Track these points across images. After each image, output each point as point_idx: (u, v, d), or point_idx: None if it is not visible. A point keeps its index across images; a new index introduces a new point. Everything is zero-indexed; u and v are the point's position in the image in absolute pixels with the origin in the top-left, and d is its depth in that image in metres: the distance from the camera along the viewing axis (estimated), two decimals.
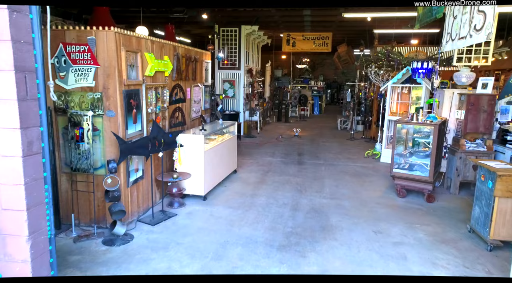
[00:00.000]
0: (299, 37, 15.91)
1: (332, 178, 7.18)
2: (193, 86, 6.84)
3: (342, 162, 8.51)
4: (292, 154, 9.30)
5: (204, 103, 7.61)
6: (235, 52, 11.45)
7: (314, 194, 6.19)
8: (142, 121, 4.96)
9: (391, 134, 8.62)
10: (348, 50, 16.61)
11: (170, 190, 5.39)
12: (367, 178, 7.26)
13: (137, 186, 4.96)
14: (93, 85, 4.34)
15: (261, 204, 5.65)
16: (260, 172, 7.51)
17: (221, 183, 6.53)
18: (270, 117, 15.59)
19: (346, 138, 11.60)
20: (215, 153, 6.16)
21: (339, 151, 9.70)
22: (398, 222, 5.09)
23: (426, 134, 6.00)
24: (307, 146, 10.32)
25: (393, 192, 6.31)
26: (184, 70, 6.35)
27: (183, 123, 6.51)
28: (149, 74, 5.06)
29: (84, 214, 4.64)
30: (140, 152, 4.65)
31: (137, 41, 4.79)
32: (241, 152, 9.09)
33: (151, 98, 5.16)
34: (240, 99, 11.63)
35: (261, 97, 14.53)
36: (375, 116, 10.98)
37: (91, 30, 4.24)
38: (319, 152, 9.55)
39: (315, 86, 20.16)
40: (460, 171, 6.13)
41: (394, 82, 8.31)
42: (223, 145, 6.56)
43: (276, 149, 9.78)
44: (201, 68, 7.33)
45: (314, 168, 7.90)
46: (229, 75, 11.61)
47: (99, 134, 4.42)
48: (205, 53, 7.58)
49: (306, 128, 13.64)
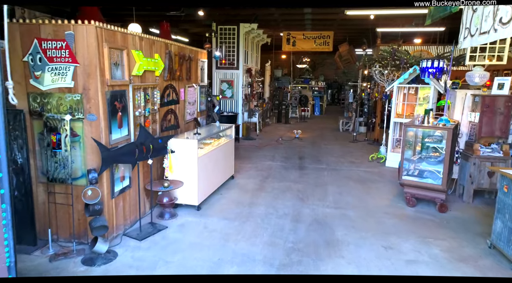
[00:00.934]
0: (299, 36, 15.44)
1: (335, 184, 6.71)
2: (187, 87, 6.37)
3: (346, 166, 8.04)
4: (292, 157, 8.83)
5: (199, 105, 7.15)
6: (233, 51, 10.98)
7: (316, 203, 5.73)
8: (129, 126, 4.49)
9: (397, 137, 8.17)
10: (350, 49, 16.14)
11: (161, 200, 4.92)
12: (372, 184, 6.79)
13: (123, 196, 4.49)
14: (72, 86, 3.87)
15: (260, 215, 5.19)
16: (259, 177, 7.04)
17: (217, 191, 6.06)
18: (270, 119, 15.13)
19: (348, 140, 11.13)
20: (210, 159, 5.69)
21: (342, 154, 9.23)
22: (409, 235, 4.63)
23: (437, 139, 5.53)
24: (308, 149, 9.85)
25: (402, 200, 5.85)
26: (177, 69, 5.88)
27: (176, 126, 6.04)
28: (137, 73, 4.59)
29: (63, 229, 4.17)
30: (125, 160, 4.18)
31: (123, 38, 4.32)
32: (239, 155, 8.63)
33: (139, 100, 4.69)
34: (238, 100, 11.16)
35: (261, 97, 14.06)
36: (378, 118, 10.51)
37: (68, 24, 3.77)
38: (321, 155, 9.08)
39: (316, 87, 19.69)
40: (474, 178, 5.66)
41: (400, 83, 7.84)
42: (219, 150, 6.10)
43: (276, 152, 9.31)
44: (196, 68, 6.86)
45: (316, 173, 7.43)
46: (227, 75, 11.14)
47: (79, 140, 3.95)
48: (200, 51, 7.11)
49: (307, 129, 13.18)
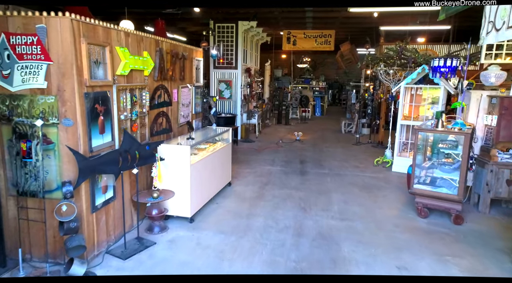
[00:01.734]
0: (300, 35, 14.98)
1: (339, 192, 6.24)
2: (181, 88, 5.89)
3: (350, 171, 7.57)
4: (293, 161, 8.36)
5: (195, 107, 6.67)
6: (232, 50, 10.51)
7: (320, 213, 5.25)
8: (112, 131, 4.02)
9: (403, 141, 7.69)
10: (352, 49, 15.66)
11: (149, 212, 4.45)
12: (379, 192, 6.32)
13: (106, 209, 4.01)
14: (45, 86, 3.40)
15: (258, 228, 4.71)
16: (258, 184, 6.57)
17: (213, 199, 5.59)
18: (270, 120, 14.65)
19: (351, 143, 10.65)
20: (205, 166, 5.22)
21: (345, 158, 8.76)
22: (424, 252, 4.15)
23: (452, 144, 5.05)
24: (309, 152, 9.38)
25: (412, 210, 5.38)
26: (169, 68, 5.40)
27: (168, 130, 5.57)
28: (122, 73, 4.12)
29: (37, 247, 3.70)
30: (107, 170, 3.71)
31: (105, 33, 3.85)
32: (237, 160, 8.15)
33: (124, 102, 4.22)
34: (237, 101, 10.68)
35: (260, 98, 13.59)
36: (383, 120, 10.04)
37: (40, 17, 3.30)
38: (323, 159, 8.61)
39: (317, 87, 19.21)
40: (491, 186, 5.19)
41: (407, 83, 7.36)
42: (215, 155, 5.62)
43: (276, 156, 8.83)
44: (191, 67, 6.38)
45: (319, 179, 6.96)
46: (225, 75, 10.67)
47: (54, 148, 3.48)
48: (195, 50, 6.64)
49: (308, 131, 12.70)
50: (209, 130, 6.39)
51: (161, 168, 4.40)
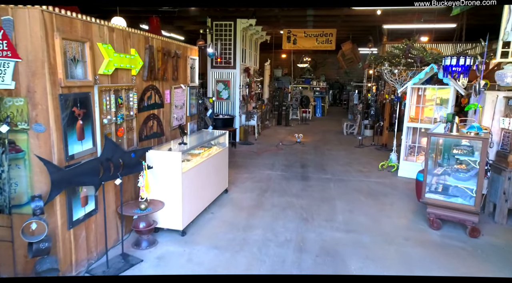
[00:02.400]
0: (300, 34, 14.56)
1: (343, 199, 5.81)
2: (173, 88, 5.47)
3: (353, 176, 7.14)
4: (294, 165, 7.93)
5: (189, 108, 6.25)
6: (230, 49, 10.08)
7: (323, 224, 4.83)
8: (94, 137, 3.60)
9: (410, 144, 7.27)
10: (353, 48, 15.24)
11: (137, 226, 4.03)
12: (386, 199, 5.90)
13: (86, 224, 3.59)
14: (13, 87, 2.98)
15: (256, 242, 4.29)
16: (257, 191, 6.15)
17: (207, 209, 5.17)
18: (270, 121, 14.23)
19: (354, 145, 10.23)
20: (199, 173, 4.80)
21: (348, 161, 8.33)
22: (440, 270, 3.73)
23: (467, 150, 4.63)
24: (311, 155, 8.95)
25: (423, 220, 4.96)
26: (160, 67, 4.98)
27: (160, 134, 5.15)
28: (105, 72, 3.70)
29: (6, 266, 3.27)
30: (85, 181, 3.28)
31: (85, 27, 3.42)
32: (235, 163, 7.73)
33: (108, 105, 3.80)
34: (235, 102, 10.26)
35: (260, 99, 13.17)
36: (387, 121, 9.62)
37: (6, 7, 2.87)
38: (325, 163, 8.19)
39: (317, 87, 18.78)
40: (508, 195, 4.77)
41: (415, 83, 6.93)
42: (210, 161, 5.20)
43: (276, 159, 8.41)
44: (185, 66, 5.97)
45: (321, 185, 6.54)
46: (223, 75, 10.24)
47: (24, 157, 3.06)
48: (190, 48, 6.22)
49: (309, 133, 12.28)
50: (205, 134, 5.97)
51: (149, 177, 3.98)
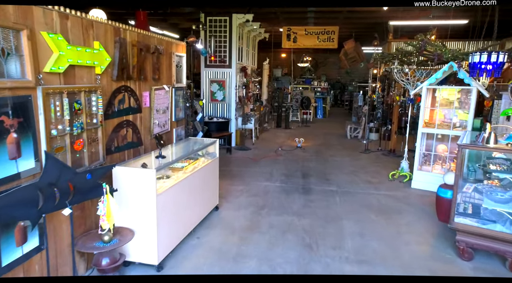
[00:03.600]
0: (301, 32, 13.74)
1: (352, 218, 4.98)
2: (154, 89, 4.64)
3: (361, 188, 6.30)
4: (294, 174, 7.09)
5: (175, 112, 5.42)
6: (225, 46, 9.24)
7: (330, 253, 3.99)
8: (38, 153, 2.76)
9: (424, 151, 6.43)
10: (356, 46, 14.38)
11: (98, 263, 3.19)
12: (401, 217, 5.06)
13: (26, 266, 2.75)
14: None
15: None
16: (252, 207, 5.31)
17: (193, 233, 4.33)
18: (269, 123, 13.38)
19: (359, 150, 9.39)
20: (181, 192, 3.96)
21: (354, 170, 7.49)
22: None
23: (506, 165, 3.79)
24: (312, 162, 8.11)
25: (448, 246, 4.13)
26: (136, 65, 4.14)
27: (137, 143, 4.31)
28: (53, 70, 2.87)
29: None
30: (15, 215, 2.44)
31: (20, 11, 2.58)
32: (229, 173, 6.89)
33: (59, 111, 2.96)
34: (231, 104, 9.42)
35: (258, 100, 12.33)
36: (395, 125, 8.78)
37: None
38: (328, 172, 7.34)
39: (318, 87, 17.93)
40: None
41: (431, 83, 6.09)
42: (196, 176, 4.36)
43: (274, 167, 7.57)
44: (169, 64, 5.14)
45: (325, 199, 5.70)
46: (218, 74, 9.40)
47: None
48: (176, 43, 5.39)
49: (310, 136, 11.43)
50: (192, 142, 5.13)
51: (114, 202, 3.13)
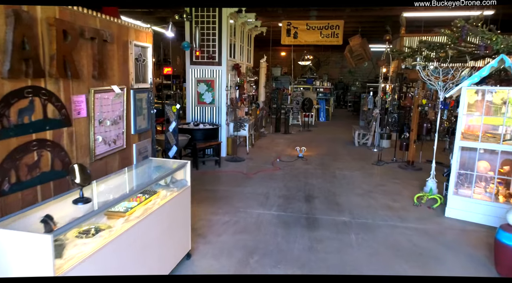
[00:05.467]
0: (302, 27, 12.26)
1: (377, 270, 3.51)
2: (94, 92, 3.18)
3: (381, 218, 4.83)
4: (296, 196, 5.62)
5: (135, 123, 3.97)
6: (214, 40, 7.76)
7: None
8: None
9: (461, 171, 4.96)
10: (363, 43, 12.89)
11: None
12: (443, 268, 3.59)
13: None
14: None
15: None
16: (238, 252, 3.83)
17: None
18: (266, 128, 11.90)
19: (370, 161, 7.91)
20: (117, 254, 2.48)
21: (369, 190, 6.02)
22: None
23: None
24: (317, 178, 6.64)
25: None
26: (57, 55, 2.68)
27: (61, 173, 2.85)
28: None
29: None
30: None
31: None
32: (214, 195, 5.42)
33: None
34: (221, 107, 7.94)
35: (254, 102, 10.86)
36: (414, 132, 7.29)
37: None
38: (337, 192, 5.87)
39: (321, 87, 16.43)
40: None
41: (474, 83, 4.62)
42: (149, 222, 2.87)
43: (271, 186, 6.09)
44: (124, 57, 3.68)
45: (337, 238, 4.23)
46: (206, 72, 7.92)
47: None
48: (135, 29, 3.93)
49: (313, 143, 9.96)
50: (151, 166, 3.63)
51: None
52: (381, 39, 14.73)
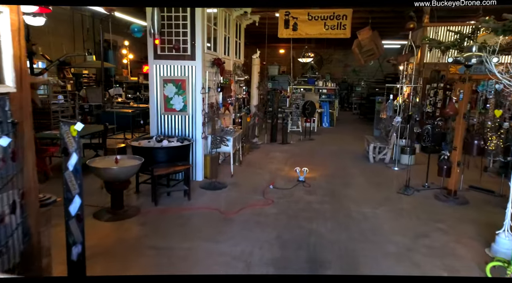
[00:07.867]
0: (303, 17, 10.13)
1: None
2: None
3: None
4: (293, 264, 3.51)
5: None
6: (185, 26, 5.64)
7: None
8: None
9: None
10: (374, 36, 10.76)
11: None
12: None
13: None
14: None
15: None
16: None
17: None
18: (260, 136, 9.78)
19: (395, 187, 5.79)
20: None
21: (406, 245, 3.90)
22: None
23: None
24: (326, 223, 4.52)
25: None
26: None
27: None
28: None
29: None
30: None
31: None
32: (158, 261, 3.30)
33: None
34: (196, 116, 5.83)
35: (244, 107, 8.75)
36: (459, 151, 5.15)
37: None
38: (358, 250, 3.77)
39: (324, 88, 14.28)
40: None
41: None
42: None
43: (256, 239, 3.98)
44: None
45: None
46: (174, 70, 5.80)
47: None
48: None
49: (317, 158, 7.86)
50: None
51: None
52: (394, 32, 12.58)
